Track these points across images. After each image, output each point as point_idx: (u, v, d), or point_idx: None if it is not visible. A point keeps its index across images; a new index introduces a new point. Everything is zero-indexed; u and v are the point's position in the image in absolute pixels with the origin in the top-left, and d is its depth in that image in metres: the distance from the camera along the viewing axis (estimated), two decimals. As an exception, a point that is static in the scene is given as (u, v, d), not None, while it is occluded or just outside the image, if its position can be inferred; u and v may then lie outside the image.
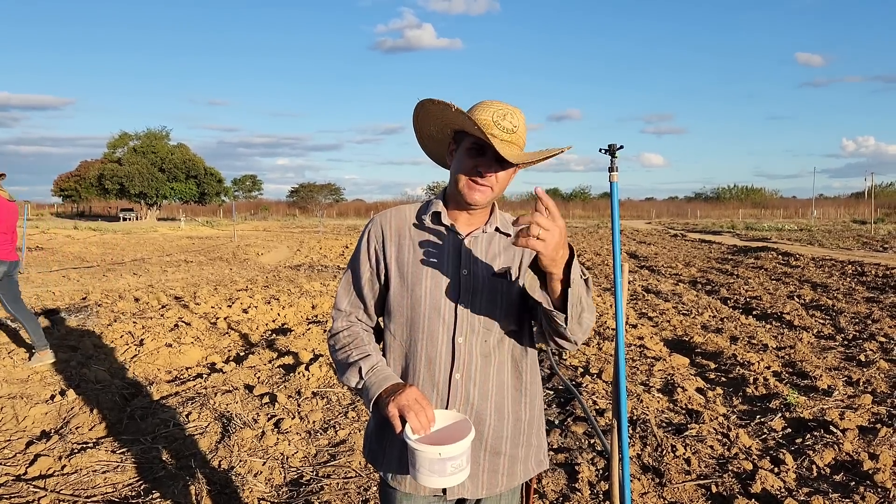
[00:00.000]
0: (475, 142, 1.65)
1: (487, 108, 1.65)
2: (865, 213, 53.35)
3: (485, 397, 1.73)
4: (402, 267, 1.75)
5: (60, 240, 26.72)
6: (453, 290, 1.71)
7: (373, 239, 1.81)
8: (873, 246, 22.68)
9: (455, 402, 1.71)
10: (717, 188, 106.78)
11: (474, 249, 1.75)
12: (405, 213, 1.83)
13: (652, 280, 13.40)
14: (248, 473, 3.91)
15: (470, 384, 1.71)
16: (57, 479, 3.82)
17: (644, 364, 6.34)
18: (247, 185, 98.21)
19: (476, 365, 1.72)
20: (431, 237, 1.76)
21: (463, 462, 1.49)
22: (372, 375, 1.67)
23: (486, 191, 1.68)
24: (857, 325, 8.27)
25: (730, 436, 4.43)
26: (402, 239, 1.78)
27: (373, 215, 1.90)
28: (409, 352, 1.75)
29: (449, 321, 1.71)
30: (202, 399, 5.06)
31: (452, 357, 1.71)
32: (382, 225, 1.81)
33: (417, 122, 1.78)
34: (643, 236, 32.65)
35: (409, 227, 1.80)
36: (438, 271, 1.72)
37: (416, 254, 1.75)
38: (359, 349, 1.75)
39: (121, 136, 60.95)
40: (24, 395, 5.12)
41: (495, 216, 1.81)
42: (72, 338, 6.99)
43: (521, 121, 1.67)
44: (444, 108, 1.62)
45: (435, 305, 1.71)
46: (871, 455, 4.04)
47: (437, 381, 1.71)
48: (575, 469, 3.93)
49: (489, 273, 1.73)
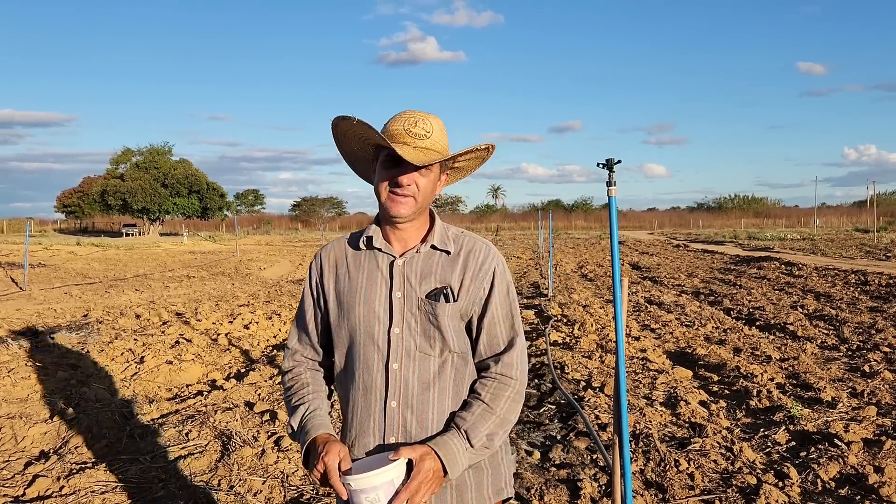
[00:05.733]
0: (388, 153, 1.61)
1: (399, 119, 1.64)
2: (868, 221, 53.29)
3: (423, 426, 1.65)
4: (339, 296, 1.72)
5: (63, 256, 26.79)
6: (386, 314, 1.66)
7: (314, 273, 1.79)
8: (876, 254, 22.62)
9: (392, 431, 1.65)
10: (720, 198, 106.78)
11: (408, 271, 1.68)
12: (343, 243, 1.79)
13: (654, 291, 13.36)
14: (248, 493, 3.88)
15: (407, 412, 1.65)
16: (55, 500, 3.79)
17: (647, 377, 6.30)
18: (249, 199, 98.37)
19: (413, 392, 1.65)
20: (365, 262, 1.72)
21: (380, 496, 1.49)
22: (301, 431, 1.67)
23: (409, 201, 1.63)
24: (860, 336, 8.22)
25: (733, 449, 4.39)
26: (339, 268, 1.75)
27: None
28: (348, 381, 1.71)
29: (383, 347, 1.66)
30: (202, 417, 5.03)
31: (387, 384, 1.65)
32: (322, 258, 1.79)
33: (340, 144, 1.74)
34: (645, 247, 32.61)
35: (346, 255, 1.76)
36: (371, 296, 1.68)
37: (350, 281, 1.71)
38: (297, 395, 1.75)
39: (123, 151, 61.37)
40: (23, 415, 5.10)
41: (433, 232, 1.71)
42: (71, 356, 6.98)
43: (435, 126, 1.64)
44: (350, 124, 1.59)
45: (369, 332, 1.67)
46: (876, 468, 4.00)
47: (373, 410, 1.67)
48: (577, 485, 3.89)
49: (423, 295, 1.66)
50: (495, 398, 1.65)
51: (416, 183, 1.63)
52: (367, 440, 1.67)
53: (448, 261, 1.70)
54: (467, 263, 1.70)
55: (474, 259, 1.70)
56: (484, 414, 1.63)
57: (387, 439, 1.65)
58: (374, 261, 1.71)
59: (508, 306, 1.73)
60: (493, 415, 1.64)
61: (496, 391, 1.66)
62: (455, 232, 1.76)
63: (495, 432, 1.64)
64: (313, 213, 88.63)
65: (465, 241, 1.73)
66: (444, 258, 1.70)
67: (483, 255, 1.72)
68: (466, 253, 1.71)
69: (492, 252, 1.73)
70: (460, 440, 1.59)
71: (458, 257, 1.71)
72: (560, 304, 10.99)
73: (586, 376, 6.31)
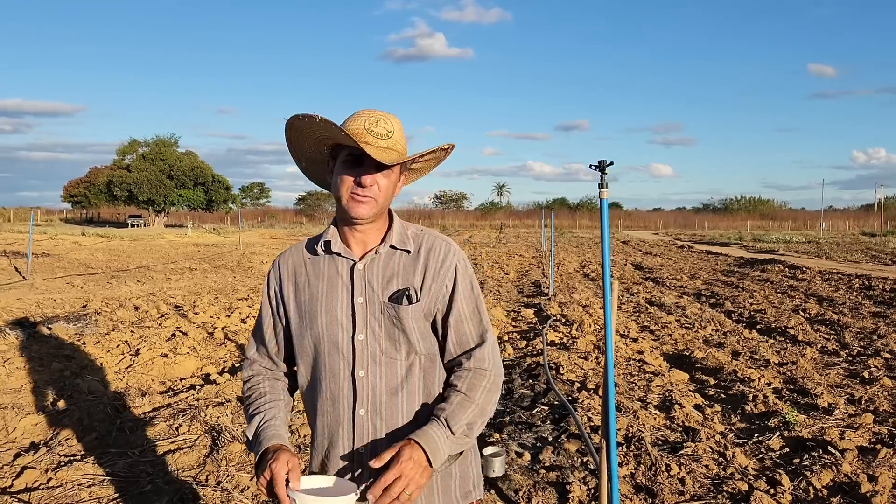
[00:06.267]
0: (350, 152, 1.58)
1: (359, 118, 1.59)
2: (875, 225, 53.02)
3: (393, 431, 1.63)
4: (300, 305, 1.68)
5: (67, 246, 26.86)
6: (349, 321, 1.63)
7: (272, 282, 1.74)
8: (882, 259, 22.49)
9: (362, 438, 1.63)
10: (726, 199, 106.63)
11: (369, 273, 1.65)
12: (301, 249, 1.74)
13: (656, 292, 13.30)
14: (235, 489, 3.86)
15: (377, 419, 1.63)
16: (42, 492, 3.78)
17: (642, 379, 6.26)
18: (254, 192, 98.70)
19: (381, 398, 1.63)
20: (324, 268, 1.67)
21: None
22: (256, 437, 1.62)
23: (370, 202, 1.59)
24: (862, 341, 8.15)
25: (726, 455, 4.35)
26: (298, 277, 1.70)
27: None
28: (315, 391, 1.68)
29: (348, 355, 1.63)
30: (193, 411, 5.02)
31: (354, 392, 1.63)
32: (280, 266, 1.74)
33: (292, 143, 1.69)
34: (649, 247, 32.51)
35: (304, 262, 1.71)
36: (333, 303, 1.64)
37: (310, 289, 1.67)
38: (253, 404, 1.71)
39: (130, 143, 61.54)
40: (15, 406, 5.10)
41: (392, 232, 1.68)
42: (67, 347, 6.98)
43: (396, 126, 1.61)
44: (311, 122, 1.54)
45: (332, 340, 1.63)
46: (870, 477, 3.96)
47: (341, 419, 1.64)
48: (566, 488, 3.86)
49: (385, 298, 1.63)
50: (472, 388, 1.63)
51: (377, 184, 1.59)
52: (337, 450, 1.64)
53: (409, 260, 1.67)
54: (428, 262, 1.66)
55: (434, 257, 1.67)
56: (463, 402, 1.61)
57: (356, 448, 1.63)
58: (334, 266, 1.67)
59: (474, 302, 1.70)
60: (471, 403, 1.61)
61: (472, 381, 1.64)
62: (414, 231, 1.72)
63: (474, 421, 1.61)
64: (318, 208, 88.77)
65: (425, 239, 1.70)
66: (404, 258, 1.67)
67: (443, 252, 1.68)
68: (427, 251, 1.67)
69: (452, 249, 1.70)
70: (440, 428, 1.55)
71: (418, 256, 1.67)
72: (560, 304, 10.95)
73: (581, 377, 6.27)
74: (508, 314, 10.38)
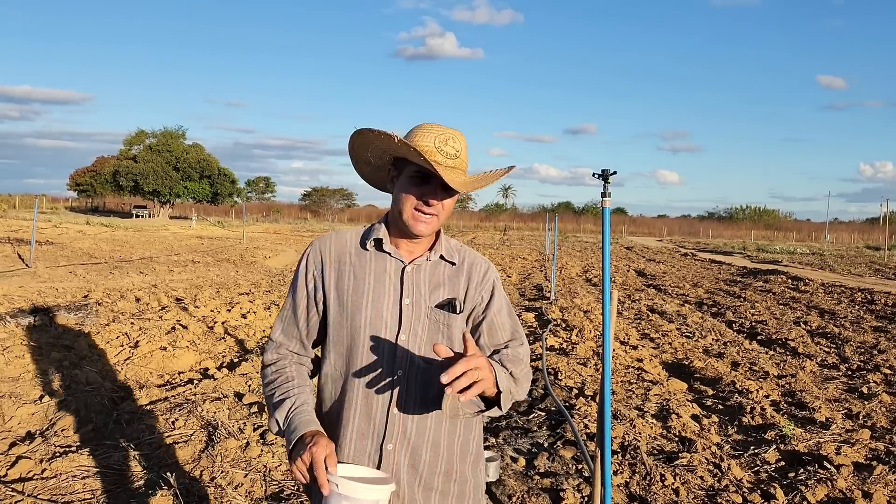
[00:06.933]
0: (418, 170, 1.60)
1: (428, 133, 1.59)
2: (880, 239, 52.81)
3: (422, 432, 1.67)
4: (341, 295, 1.67)
5: (71, 234, 26.91)
6: (394, 320, 1.65)
7: (311, 265, 1.72)
8: (886, 273, 22.41)
9: (392, 436, 1.65)
10: (731, 208, 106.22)
11: (417, 278, 1.68)
12: (346, 239, 1.75)
13: (658, 300, 13.27)
14: (229, 485, 3.86)
15: (408, 419, 1.65)
16: (36, 482, 3.79)
17: (640, 388, 6.24)
18: (260, 186, 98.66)
19: (415, 399, 1.65)
20: (373, 264, 1.69)
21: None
22: (289, 425, 1.59)
23: (433, 220, 1.63)
24: (862, 356, 8.12)
25: (721, 467, 4.34)
26: (343, 265, 1.70)
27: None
28: (346, 383, 1.68)
29: (389, 353, 1.64)
30: (190, 406, 5.02)
31: (392, 391, 1.64)
32: (322, 250, 1.72)
33: (354, 149, 1.73)
34: (653, 254, 32.46)
35: (349, 252, 1.71)
36: (379, 300, 1.65)
37: (356, 281, 1.67)
38: (281, 388, 1.67)
39: (137, 133, 61.53)
40: (13, 395, 5.11)
41: (440, 243, 1.73)
42: (67, 337, 6.99)
43: (462, 145, 1.62)
44: (386, 139, 1.56)
45: (375, 336, 1.65)
46: (864, 493, 3.94)
47: (374, 415, 1.65)
48: (560, 495, 3.85)
49: (432, 304, 1.67)
50: (515, 358, 1.71)
51: (442, 204, 1.63)
52: (364, 443, 1.66)
53: (453, 272, 1.73)
54: (471, 275, 1.75)
55: (477, 271, 1.76)
56: (513, 360, 1.69)
57: (385, 445, 1.65)
58: (382, 264, 1.69)
59: (507, 311, 1.79)
60: (520, 363, 1.70)
61: (513, 355, 1.72)
62: (456, 244, 1.80)
63: (520, 380, 1.68)
64: (323, 204, 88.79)
65: (467, 254, 1.79)
66: (449, 269, 1.73)
67: (484, 268, 1.78)
68: (469, 265, 1.76)
69: (491, 266, 1.81)
70: (500, 367, 1.60)
71: (461, 268, 1.75)
72: (561, 308, 10.93)
73: (580, 384, 6.26)
74: (509, 317, 10.36)
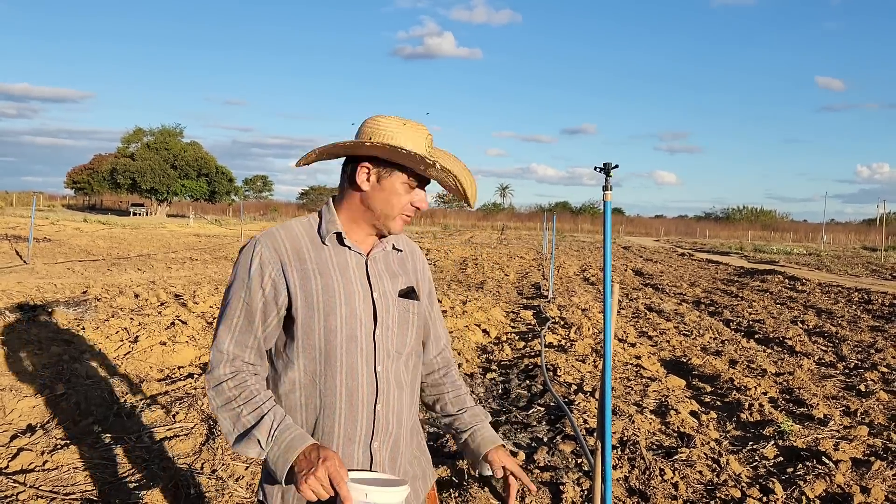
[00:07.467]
0: (415, 178, 1.58)
1: (415, 135, 1.55)
2: (876, 240, 52.95)
3: (399, 422, 1.65)
4: (308, 296, 1.55)
5: (69, 232, 26.87)
6: (369, 316, 1.59)
7: (267, 265, 1.55)
8: (882, 274, 22.49)
9: (379, 434, 1.61)
10: (728, 208, 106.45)
11: (379, 270, 1.64)
12: (296, 233, 1.61)
13: (655, 298, 13.31)
14: (230, 478, 3.87)
15: (390, 413, 1.62)
16: (37, 474, 3.80)
17: (639, 384, 6.27)
18: (258, 185, 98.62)
19: (393, 392, 1.63)
20: (333, 259, 1.59)
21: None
22: (275, 445, 1.46)
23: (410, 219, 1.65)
24: (859, 354, 8.16)
25: (720, 462, 4.36)
26: (303, 263, 1.56)
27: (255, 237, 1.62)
28: (324, 387, 1.56)
29: (368, 350, 1.58)
30: (191, 399, 5.03)
31: (376, 388, 1.59)
32: (276, 248, 1.56)
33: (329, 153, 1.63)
34: (650, 254, 32.51)
35: (306, 248, 1.58)
36: (351, 298, 1.57)
37: (323, 279, 1.56)
38: (249, 405, 1.51)
39: (135, 131, 61.46)
40: (13, 388, 5.11)
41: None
42: (67, 332, 6.99)
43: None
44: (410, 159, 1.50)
45: (351, 334, 1.56)
46: (862, 489, 3.96)
47: (359, 416, 1.58)
48: (560, 489, 3.87)
49: (397, 294, 1.65)
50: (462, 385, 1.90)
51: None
52: (352, 447, 1.59)
53: (400, 259, 1.72)
54: (415, 262, 1.76)
55: (418, 257, 1.78)
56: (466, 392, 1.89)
57: (373, 444, 1.60)
58: (343, 258, 1.60)
59: (436, 303, 1.86)
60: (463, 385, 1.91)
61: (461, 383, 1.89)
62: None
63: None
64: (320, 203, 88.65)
65: (405, 240, 1.77)
66: (397, 256, 1.71)
67: (421, 254, 1.80)
68: (411, 252, 1.77)
69: (420, 251, 1.82)
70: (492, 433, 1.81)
71: (407, 255, 1.75)
72: (559, 307, 10.96)
73: (578, 380, 6.28)
74: (507, 315, 10.39)
